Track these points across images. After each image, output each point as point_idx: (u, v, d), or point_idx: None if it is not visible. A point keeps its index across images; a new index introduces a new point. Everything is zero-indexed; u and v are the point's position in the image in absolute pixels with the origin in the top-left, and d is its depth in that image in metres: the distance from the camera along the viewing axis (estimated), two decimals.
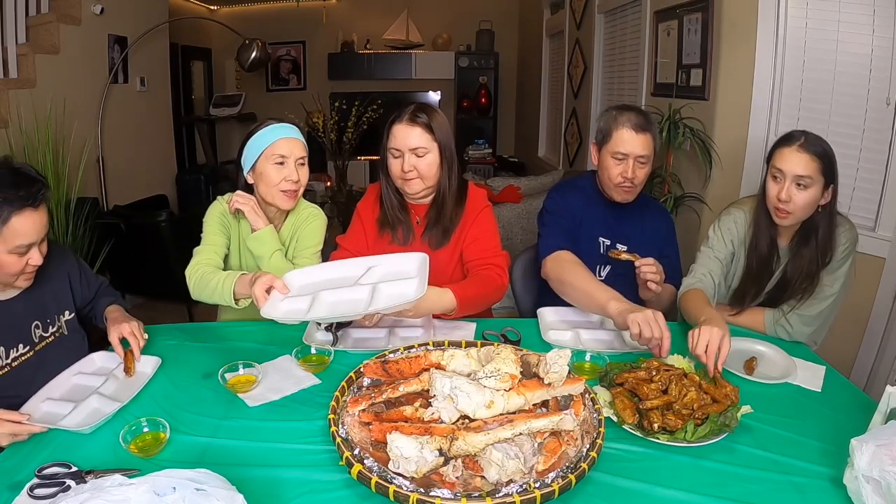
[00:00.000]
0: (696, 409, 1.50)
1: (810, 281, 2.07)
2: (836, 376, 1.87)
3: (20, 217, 1.62)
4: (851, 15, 2.94)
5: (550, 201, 2.46)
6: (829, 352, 2.14)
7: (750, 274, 2.16)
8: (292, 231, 2.32)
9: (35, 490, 1.26)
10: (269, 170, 2.12)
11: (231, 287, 1.92)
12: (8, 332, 1.77)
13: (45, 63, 4.47)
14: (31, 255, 1.69)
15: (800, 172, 1.95)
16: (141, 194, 5.47)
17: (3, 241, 1.62)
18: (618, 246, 2.37)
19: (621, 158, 2.28)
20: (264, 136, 2.13)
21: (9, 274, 1.69)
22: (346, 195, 6.18)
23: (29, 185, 1.65)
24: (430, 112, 2.19)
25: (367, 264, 1.92)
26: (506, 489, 1.20)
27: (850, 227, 2.10)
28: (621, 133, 2.27)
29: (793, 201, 1.97)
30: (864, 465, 1.24)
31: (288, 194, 2.15)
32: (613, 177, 2.30)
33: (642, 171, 2.29)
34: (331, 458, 1.39)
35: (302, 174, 2.16)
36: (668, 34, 4.01)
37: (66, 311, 1.95)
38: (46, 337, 1.87)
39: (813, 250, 2.05)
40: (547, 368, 1.43)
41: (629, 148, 2.26)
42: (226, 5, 8.99)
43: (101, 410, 1.58)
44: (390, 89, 8.90)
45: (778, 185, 2.00)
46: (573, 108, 6.27)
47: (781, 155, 2.00)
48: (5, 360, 1.74)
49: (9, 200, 1.60)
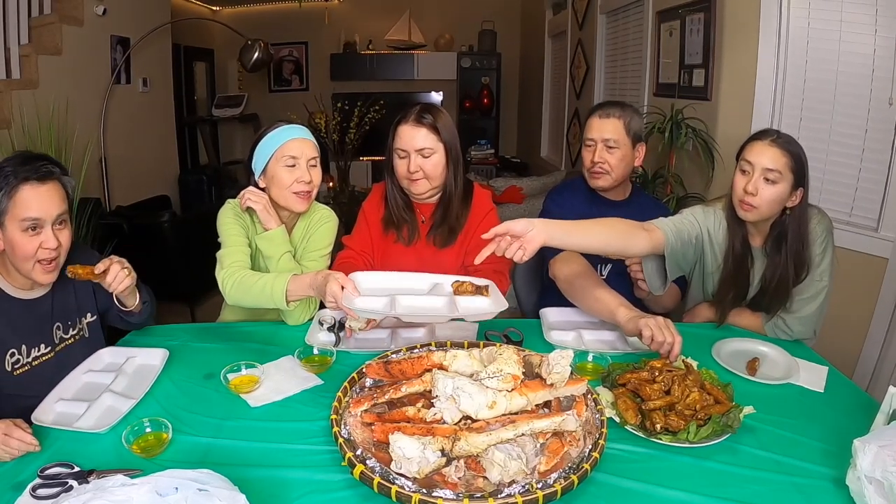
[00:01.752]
0: (699, 410, 1.50)
1: (787, 291, 2.06)
2: (838, 377, 1.86)
3: (25, 189, 1.66)
4: (854, 15, 2.93)
5: (551, 202, 2.47)
6: (832, 352, 2.13)
7: (728, 275, 2.13)
8: (304, 233, 2.29)
9: (38, 490, 1.27)
10: (281, 172, 2.08)
11: (283, 288, 1.90)
12: (30, 330, 1.78)
13: (48, 64, 4.48)
14: (43, 236, 1.69)
15: (768, 165, 1.94)
16: (143, 195, 5.49)
17: (12, 218, 1.65)
18: None
19: (590, 145, 2.38)
20: (274, 138, 2.10)
21: (23, 257, 1.69)
22: (348, 196, 6.17)
23: (36, 161, 1.70)
24: (435, 112, 2.20)
25: (434, 280, 1.93)
26: (508, 490, 1.20)
27: (822, 217, 2.08)
28: (590, 122, 2.39)
29: (759, 195, 1.95)
30: (867, 465, 1.24)
31: (301, 196, 2.11)
32: (585, 163, 2.41)
33: (612, 155, 2.35)
34: (333, 458, 1.39)
35: (314, 175, 2.13)
36: (671, 34, 4.01)
37: (88, 314, 1.95)
38: (67, 339, 1.87)
39: (787, 254, 2.04)
40: (549, 369, 1.43)
41: (595, 133, 2.35)
42: (228, 6, 9.00)
43: (116, 408, 1.59)
44: (393, 90, 8.90)
45: (746, 177, 1.99)
46: (575, 108, 6.26)
47: (752, 147, 2.00)
48: (26, 359, 1.75)
49: (15, 174, 1.65)
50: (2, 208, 1.65)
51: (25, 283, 1.78)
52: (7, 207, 1.65)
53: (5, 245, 1.68)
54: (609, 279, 2.37)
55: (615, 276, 2.36)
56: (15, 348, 1.73)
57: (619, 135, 2.33)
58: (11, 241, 1.67)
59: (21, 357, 1.74)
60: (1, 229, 1.67)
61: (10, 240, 1.67)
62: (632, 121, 2.36)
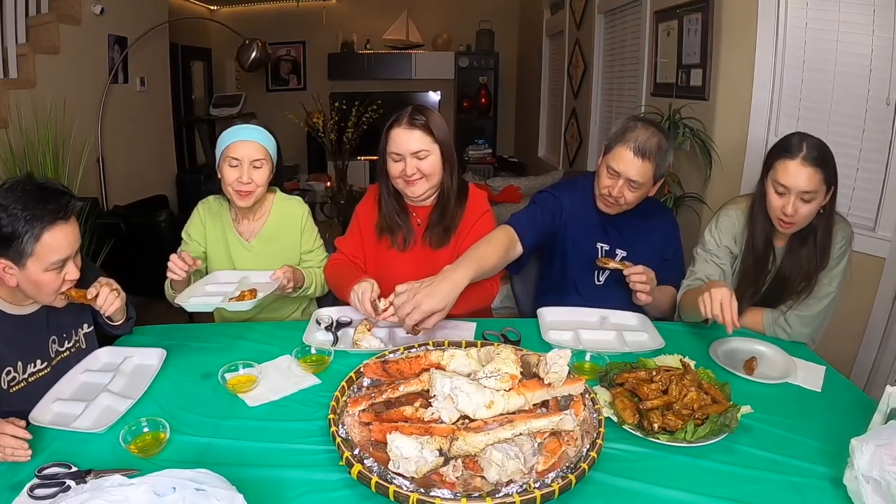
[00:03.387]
0: (696, 410, 1.51)
1: (808, 282, 2.06)
2: (836, 376, 1.87)
3: (52, 232, 1.60)
4: (851, 15, 2.94)
5: (543, 195, 2.42)
6: (829, 352, 2.13)
7: (746, 274, 2.15)
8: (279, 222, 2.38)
9: (35, 490, 1.26)
10: (225, 171, 2.22)
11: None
12: (26, 346, 1.74)
13: (45, 63, 4.48)
14: (67, 269, 1.67)
15: (805, 188, 1.92)
16: (141, 194, 5.49)
17: (37, 261, 1.59)
18: (616, 252, 2.35)
19: (613, 174, 2.20)
20: (224, 138, 2.23)
21: (48, 293, 1.67)
22: (346, 195, 6.18)
23: (57, 198, 1.62)
24: (427, 113, 2.20)
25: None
26: (506, 489, 1.20)
27: (845, 225, 2.09)
28: (622, 151, 2.17)
29: (798, 214, 1.95)
30: (864, 465, 1.24)
31: (241, 194, 2.21)
32: (601, 187, 2.26)
33: (632, 194, 2.21)
34: (331, 458, 1.39)
35: (256, 176, 2.21)
36: (668, 34, 4.01)
37: (84, 325, 1.93)
38: (62, 352, 1.84)
39: (812, 250, 2.04)
40: (547, 368, 1.43)
41: (623, 167, 2.17)
42: (226, 5, 9.00)
43: (113, 408, 1.59)
44: (390, 89, 8.90)
45: (783, 199, 1.96)
46: (573, 108, 6.27)
47: (785, 169, 1.95)
48: (21, 376, 1.71)
49: (38, 217, 1.57)
50: (26, 251, 1.58)
51: (19, 299, 1.73)
52: (33, 251, 1.58)
53: (24, 283, 1.63)
54: (607, 285, 2.37)
55: (613, 284, 2.34)
56: (11, 366, 1.69)
57: (647, 178, 2.18)
58: (35, 281, 1.62)
59: (17, 374, 1.70)
60: (20, 269, 1.60)
61: (33, 280, 1.62)
62: (663, 162, 2.20)
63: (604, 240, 2.37)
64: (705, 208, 3.54)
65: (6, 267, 1.60)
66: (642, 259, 2.23)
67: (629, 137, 2.16)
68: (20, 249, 1.57)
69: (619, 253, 2.35)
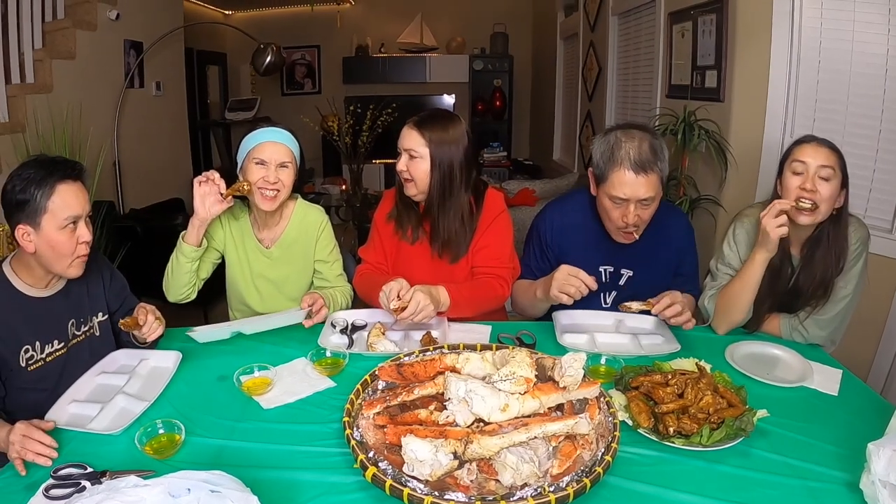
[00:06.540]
0: (712, 414, 1.50)
1: (824, 289, 2.04)
2: (852, 380, 1.85)
3: (63, 187, 1.70)
4: (867, 15, 2.91)
5: (541, 222, 2.36)
6: (846, 355, 2.11)
7: (764, 284, 2.09)
8: (298, 233, 2.35)
9: (50, 490, 1.28)
10: (251, 170, 2.17)
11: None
12: (46, 327, 1.80)
13: (62, 68, 4.52)
14: (79, 230, 1.74)
15: (823, 162, 1.92)
16: (157, 198, 5.51)
17: (51, 217, 1.68)
18: (622, 272, 2.28)
19: (620, 203, 2.06)
20: (251, 139, 2.19)
21: (65, 255, 1.73)
22: (360, 199, 6.18)
23: (65, 161, 1.77)
24: (440, 121, 2.20)
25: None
26: (520, 493, 1.20)
27: (859, 226, 2.07)
28: (619, 175, 2.02)
29: (819, 192, 1.93)
30: (881, 469, 1.23)
31: (265, 197, 2.17)
32: (614, 220, 2.11)
33: (647, 210, 2.08)
34: (345, 460, 1.39)
35: (283, 176, 2.18)
36: (683, 35, 3.99)
37: (99, 313, 1.98)
38: (79, 335, 1.90)
39: (826, 254, 2.01)
40: (562, 372, 1.42)
41: (628, 192, 2.01)
42: (240, 10, 9.05)
43: (129, 410, 1.60)
44: (405, 93, 8.92)
45: (801, 177, 1.95)
46: (588, 110, 6.25)
47: (802, 149, 1.97)
48: (40, 355, 1.78)
49: (49, 175, 1.69)
50: (40, 208, 1.67)
51: (40, 282, 1.80)
52: (45, 206, 1.67)
53: (41, 246, 1.70)
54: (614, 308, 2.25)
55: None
56: (29, 345, 1.76)
57: (657, 190, 2.04)
58: (51, 240, 1.69)
59: (35, 353, 1.77)
60: (36, 231, 1.68)
61: (49, 239, 1.69)
62: (664, 163, 2.06)
63: (607, 261, 2.28)
64: (721, 210, 3.52)
65: (25, 233, 1.69)
66: (652, 277, 2.21)
67: (620, 157, 2.02)
68: (35, 208, 1.67)
69: (624, 273, 2.28)
